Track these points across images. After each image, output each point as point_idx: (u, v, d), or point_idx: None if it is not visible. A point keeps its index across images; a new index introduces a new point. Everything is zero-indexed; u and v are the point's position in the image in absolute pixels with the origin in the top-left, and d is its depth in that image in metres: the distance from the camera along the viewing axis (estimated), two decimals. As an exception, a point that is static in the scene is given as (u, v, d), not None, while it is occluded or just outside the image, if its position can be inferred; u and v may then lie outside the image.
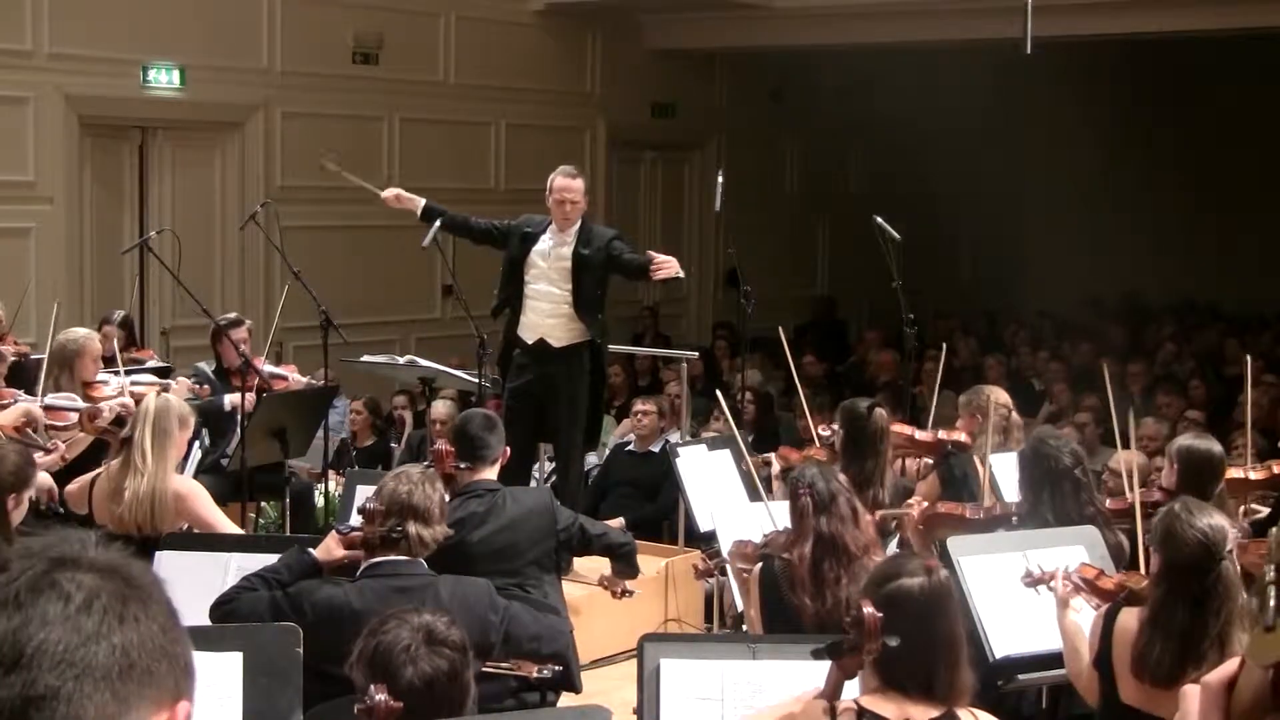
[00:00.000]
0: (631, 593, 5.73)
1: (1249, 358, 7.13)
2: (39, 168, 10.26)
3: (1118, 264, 16.19)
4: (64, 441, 6.26)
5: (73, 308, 10.26)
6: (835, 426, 6.01)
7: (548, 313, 7.11)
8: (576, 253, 7.07)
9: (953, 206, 16.72)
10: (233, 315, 8.11)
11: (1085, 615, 4.31)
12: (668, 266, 6.99)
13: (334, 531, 4.53)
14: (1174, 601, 3.82)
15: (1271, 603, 1.48)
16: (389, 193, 7.69)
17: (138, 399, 5.90)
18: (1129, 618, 3.95)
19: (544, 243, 7.10)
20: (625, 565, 5.81)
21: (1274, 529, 1.63)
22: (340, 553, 4.43)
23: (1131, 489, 5.18)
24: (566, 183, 7.07)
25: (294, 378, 7.87)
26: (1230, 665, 1.57)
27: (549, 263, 7.09)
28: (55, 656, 1.27)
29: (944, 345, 8.23)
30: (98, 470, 5.63)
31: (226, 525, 5.55)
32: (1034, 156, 16.96)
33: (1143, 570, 4.47)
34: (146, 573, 1.37)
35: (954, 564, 4.65)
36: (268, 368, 7.79)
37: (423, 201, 7.56)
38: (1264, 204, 16.20)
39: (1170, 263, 16.40)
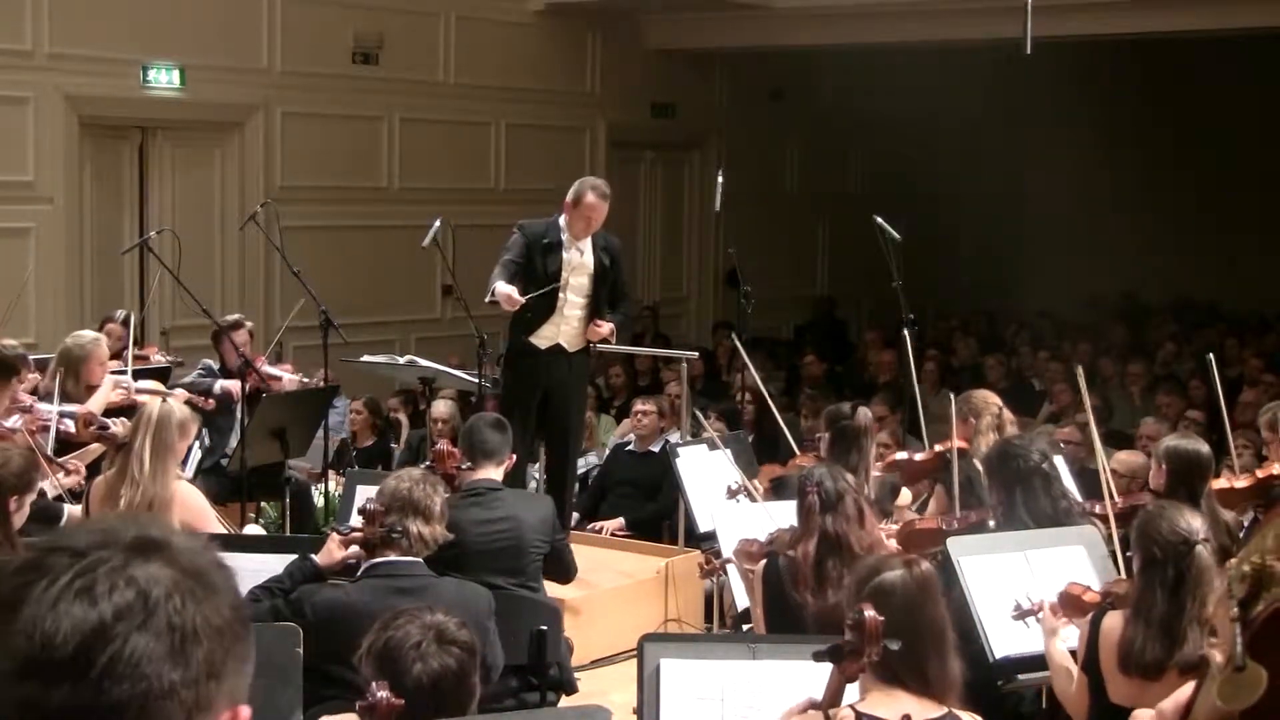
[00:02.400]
0: None
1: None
2: (39, 168, 10.25)
3: (1118, 264, 16.19)
4: (78, 455, 6.27)
5: (73, 308, 10.28)
6: (820, 432, 6.01)
7: (572, 319, 7.12)
8: (599, 263, 7.11)
9: (953, 206, 16.72)
10: (234, 317, 8.12)
11: (1072, 640, 4.33)
12: (600, 331, 7.08)
13: (334, 534, 4.54)
14: (1151, 592, 3.91)
15: (1238, 642, 1.46)
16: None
17: (134, 405, 5.90)
18: (1113, 619, 4.01)
19: (566, 251, 7.06)
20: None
21: (1230, 562, 1.61)
22: (341, 555, 4.45)
23: (1114, 496, 5.20)
24: (598, 204, 7.00)
25: (288, 377, 7.90)
26: (1184, 692, 1.56)
27: (571, 272, 7.08)
28: (127, 668, 1.23)
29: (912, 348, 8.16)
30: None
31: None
32: (1034, 156, 16.96)
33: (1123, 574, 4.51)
34: (219, 566, 1.34)
35: (954, 564, 4.66)
36: (266, 368, 7.81)
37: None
38: (1264, 204, 16.19)
39: (1170, 263, 16.40)
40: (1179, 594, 3.88)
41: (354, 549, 4.44)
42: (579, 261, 7.10)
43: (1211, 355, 6.97)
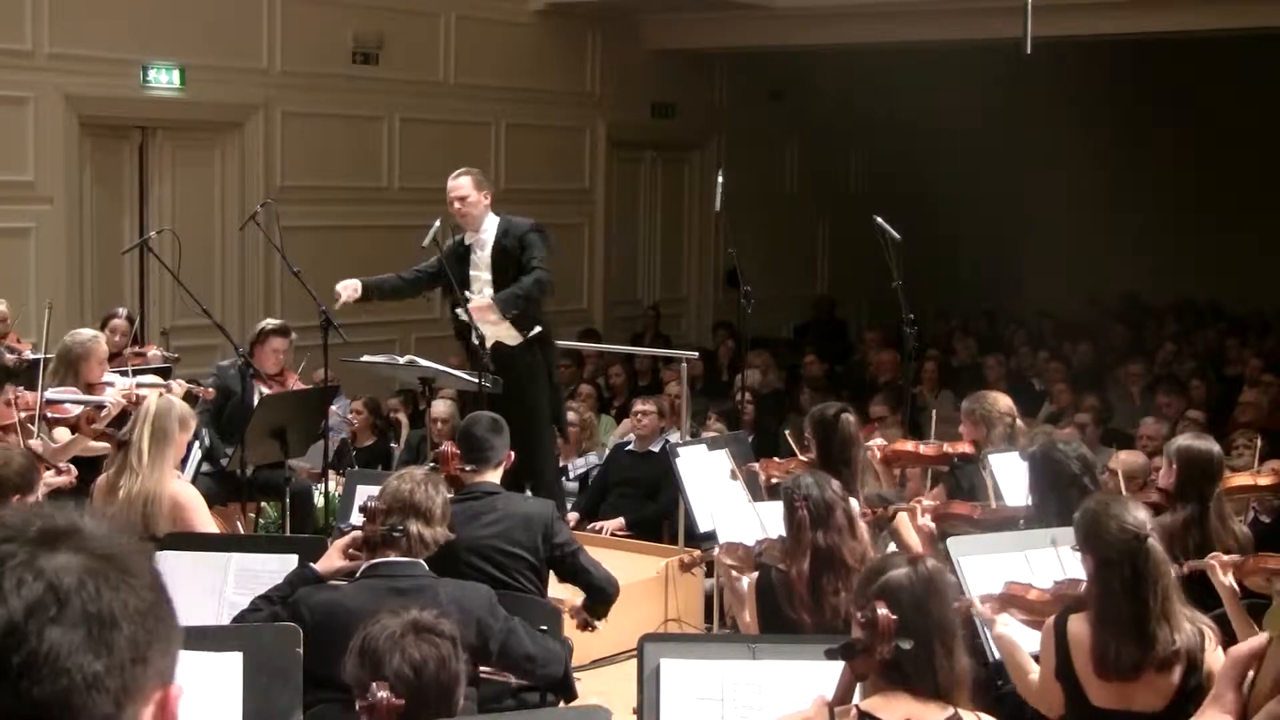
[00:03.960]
0: (595, 627, 5.56)
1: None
2: (39, 168, 10.26)
3: (1118, 264, 16.19)
4: (62, 447, 6.25)
5: (73, 308, 10.27)
6: (808, 434, 5.95)
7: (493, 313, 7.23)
8: (497, 244, 7.28)
9: (953, 206, 16.72)
10: (278, 322, 8.10)
11: (1015, 629, 4.30)
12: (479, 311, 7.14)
13: (335, 543, 4.54)
14: (1112, 593, 3.88)
15: None
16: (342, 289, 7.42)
17: (139, 400, 5.88)
18: (1079, 624, 3.97)
19: (473, 253, 7.32)
20: (598, 606, 5.55)
21: None
22: (341, 563, 4.45)
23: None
24: (451, 184, 7.28)
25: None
26: (1255, 641, 1.57)
27: (478, 268, 7.29)
28: (46, 665, 1.20)
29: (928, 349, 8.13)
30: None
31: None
32: (1034, 156, 16.96)
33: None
34: (134, 548, 1.31)
35: (954, 564, 4.66)
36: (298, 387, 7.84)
37: (358, 284, 7.46)
38: (1264, 204, 16.19)
39: (1170, 263, 16.39)
40: (1139, 592, 3.84)
41: (356, 561, 4.44)
42: (481, 255, 7.32)
43: None
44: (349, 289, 7.33)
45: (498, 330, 7.24)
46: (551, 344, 7.68)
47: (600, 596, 5.49)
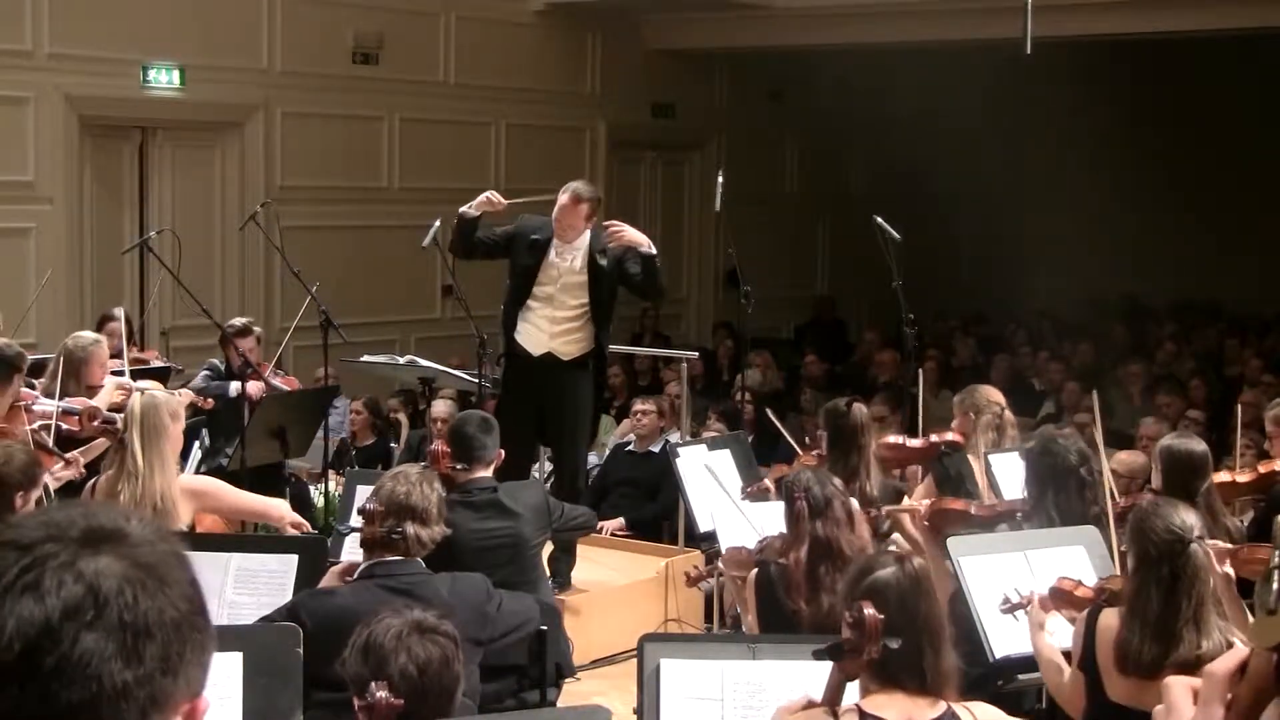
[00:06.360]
0: None
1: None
2: (39, 168, 10.26)
3: (1118, 264, 16.18)
4: (81, 451, 6.26)
5: (73, 308, 10.28)
6: (820, 429, 6.02)
7: (558, 327, 6.89)
8: (594, 264, 6.81)
9: (953, 206, 16.71)
10: (241, 322, 8.11)
11: (1062, 634, 4.32)
12: (622, 233, 6.78)
13: (332, 570, 4.56)
14: (1147, 590, 3.90)
15: (1274, 587, 1.51)
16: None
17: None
18: (1110, 617, 4.00)
19: (553, 253, 6.84)
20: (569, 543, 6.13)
21: (1278, 517, 1.65)
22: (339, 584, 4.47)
23: (1122, 493, 5.19)
24: (566, 205, 6.77)
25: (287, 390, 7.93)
26: (1233, 656, 1.58)
27: (560, 274, 6.84)
28: (76, 670, 1.20)
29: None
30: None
31: (259, 501, 5.51)
32: (1034, 156, 16.96)
33: (1118, 572, 4.50)
34: (175, 556, 1.30)
35: (954, 564, 4.66)
36: (272, 379, 7.83)
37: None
38: (1264, 204, 16.18)
39: (1170, 263, 16.38)
40: (1174, 593, 3.87)
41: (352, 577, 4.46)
42: (564, 266, 6.85)
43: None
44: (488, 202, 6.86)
45: (553, 343, 6.91)
46: (604, 361, 7.30)
47: (581, 529, 6.21)
